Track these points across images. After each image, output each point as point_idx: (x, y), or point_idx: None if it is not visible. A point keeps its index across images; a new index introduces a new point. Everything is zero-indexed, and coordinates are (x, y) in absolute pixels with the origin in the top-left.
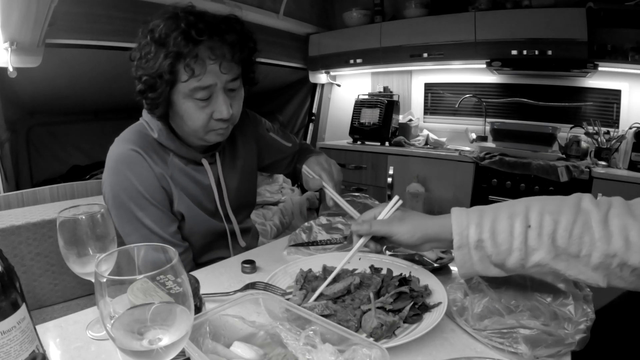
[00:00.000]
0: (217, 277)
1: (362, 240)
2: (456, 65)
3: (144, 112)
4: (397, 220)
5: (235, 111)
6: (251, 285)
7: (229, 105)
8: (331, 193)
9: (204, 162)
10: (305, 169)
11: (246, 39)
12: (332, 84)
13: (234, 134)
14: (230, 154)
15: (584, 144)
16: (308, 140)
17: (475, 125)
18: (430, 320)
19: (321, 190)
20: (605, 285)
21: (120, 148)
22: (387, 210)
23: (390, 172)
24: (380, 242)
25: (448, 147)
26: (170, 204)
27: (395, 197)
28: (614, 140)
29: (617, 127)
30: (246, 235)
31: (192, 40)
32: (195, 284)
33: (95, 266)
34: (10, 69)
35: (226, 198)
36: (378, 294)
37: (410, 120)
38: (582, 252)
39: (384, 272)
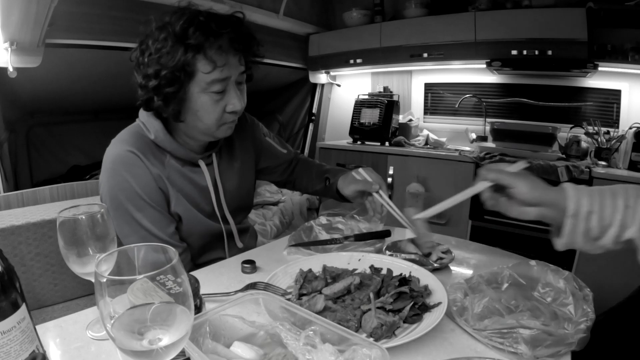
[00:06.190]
0: (217, 277)
1: (482, 185)
2: (456, 65)
3: (141, 113)
4: (522, 175)
5: (244, 104)
6: (251, 286)
7: (240, 98)
8: (387, 201)
9: (201, 163)
10: (362, 171)
11: (253, 35)
12: (332, 84)
13: (231, 136)
14: (227, 155)
15: (584, 144)
16: (308, 140)
17: (475, 125)
18: (430, 320)
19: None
20: None
21: (117, 149)
22: (517, 166)
23: (390, 172)
24: (497, 193)
25: (448, 147)
26: (168, 205)
27: (524, 160)
28: (614, 140)
29: (617, 127)
30: (244, 236)
31: (212, 33)
32: (195, 284)
33: (95, 266)
34: (10, 69)
35: (223, 199)
36: (378, 294)
37: (410, 120)
38: None
39: (384, 272)
